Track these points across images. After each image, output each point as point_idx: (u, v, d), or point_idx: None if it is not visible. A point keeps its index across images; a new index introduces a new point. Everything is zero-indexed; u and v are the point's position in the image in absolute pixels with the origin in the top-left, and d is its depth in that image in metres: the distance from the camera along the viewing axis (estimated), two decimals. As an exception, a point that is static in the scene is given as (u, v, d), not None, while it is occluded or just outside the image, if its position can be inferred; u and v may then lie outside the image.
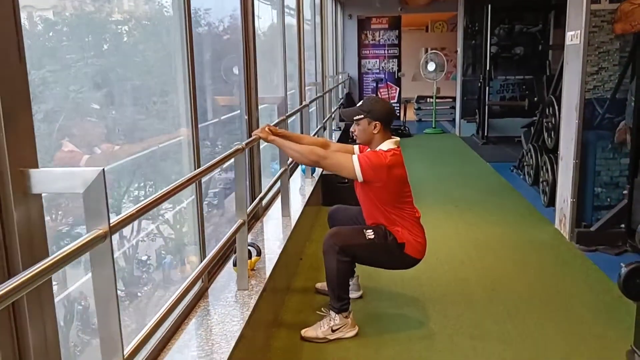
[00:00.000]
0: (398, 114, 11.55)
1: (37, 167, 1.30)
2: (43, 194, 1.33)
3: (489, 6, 8.88)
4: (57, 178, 1.28)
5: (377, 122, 2.84)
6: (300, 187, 4.88)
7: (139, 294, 2.96)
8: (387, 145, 2.84)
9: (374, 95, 10.37)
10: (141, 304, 2.87)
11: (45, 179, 1.27)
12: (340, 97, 10.34)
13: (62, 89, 2.20)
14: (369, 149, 2.92)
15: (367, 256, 2.89)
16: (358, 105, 2.97)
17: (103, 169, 1.25)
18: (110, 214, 1.30)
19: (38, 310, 1.31)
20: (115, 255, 2.60)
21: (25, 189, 1.26)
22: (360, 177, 2.77)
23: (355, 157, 2.79)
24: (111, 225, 1.29)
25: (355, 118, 2.89)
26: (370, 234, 2.83)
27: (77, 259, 1.23)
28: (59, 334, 1.41)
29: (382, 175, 2.75)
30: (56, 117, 2.14)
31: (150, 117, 2.90)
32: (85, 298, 2.55)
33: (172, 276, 3.06)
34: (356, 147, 3.07)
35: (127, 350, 1.44)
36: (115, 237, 2.44)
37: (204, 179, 2.75)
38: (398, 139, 2.94)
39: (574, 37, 4.27)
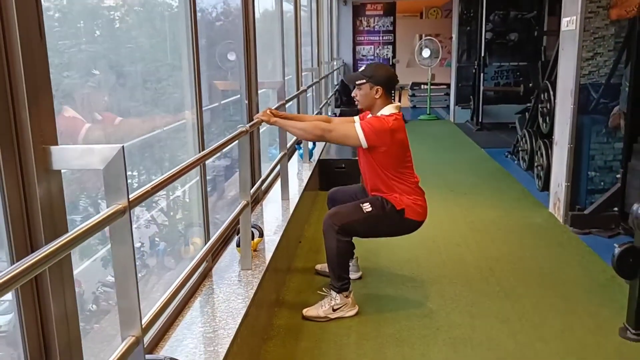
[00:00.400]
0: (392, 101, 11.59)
1: (57, 144, 1.34)
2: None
3: (484, -8, 8.91)
4: (78, 155, 1.31)
5: (378, 87, 2.90)
6: (298, 172, 4.93)
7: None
8: (389, 110, 2.90)
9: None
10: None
11: (67, 155, 1.31)
12: (336, 83, 10.36)
13: (55, 76, 2.21)
14: (370, 115, 2.97)
15: (368, 229, 2.95)
16: (360, 70, 3.03)
17: (122, 146, 1.29)
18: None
19: (59, 281, 1.36)
20: (109, 245, 2.63)
21: (47, 166, 1.30)
22: (364, 143, 2.82)
23: (357, 125, 2.84)
24: (130, 200, 1.33)
25: (357, 82, 2.94)
26: (367, 207, 2.88)
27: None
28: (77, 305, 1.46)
29: (386, 140, 2.81)
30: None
31: (146, 104, 2.91)
32: (79, 284, 2.59)
33: (166, 262, 3.10)
34: (356, 117, 3.11)
35: (144, 321, 1.49)
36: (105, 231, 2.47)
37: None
38: (399, 104, 3.00)
39: (569, 22, 4.32)
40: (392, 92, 3.03)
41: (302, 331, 2.83)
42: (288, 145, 4.08)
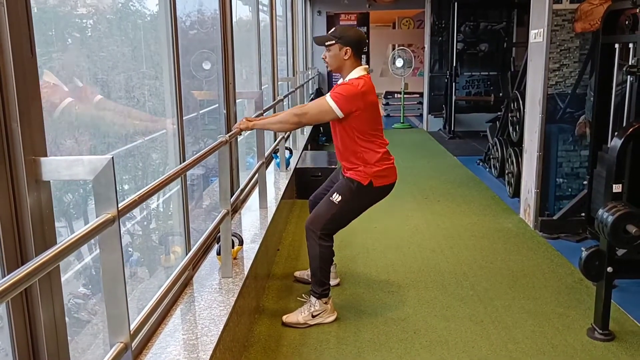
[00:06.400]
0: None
1: (46, 155, 1.38)
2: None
3: (455, 4, 9.11)
4: (68, 165, 1.35)
5: (347, 48, 2.91)
6: (275, 181, 4.97)
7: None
8: (358, 72, 2.92)
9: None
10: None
11: (56, 166, 1.35)
12: (311, 92, 10.45)
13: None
14: (340, 80, 3.00)
15: (347, 215, 3.01)
16: (330, 31, 3.03)
17: (112, 157, 1.33)
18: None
19: (48, 290, 1.39)
20: (86, 259, 2.63)
21: (37, 176, 1.34)
22: (340, 113, 2.84)
23: (328, 98, 2.86)
24: (119, 209, 1.37)
25: (326, 43, 2.95)
26: (336, 197, 2.93)
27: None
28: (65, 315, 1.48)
29: (359, 103, 2.84)
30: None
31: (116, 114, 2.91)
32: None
33: (139, 273, 3.11)
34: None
35: (132, 327, 1.52)
36: (84, 247, 2.47)
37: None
38: (367, 66, 3.02)
39: (537, 35, 4.49)
40: (362, 54, 3.04)
41: (283, 337, 2.87)
42: (265, 154, 4.13)
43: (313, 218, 2.99)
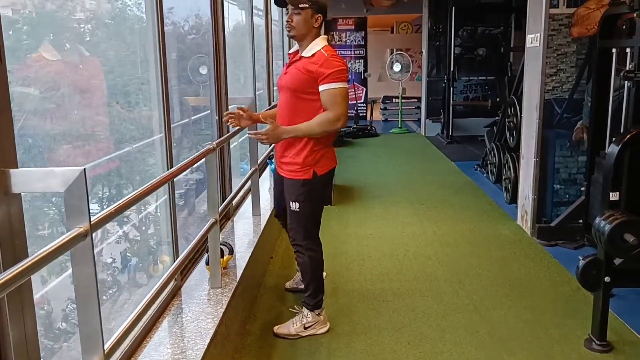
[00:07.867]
0: (365, 114, 11.67)
1: (17, 167, 1.32)
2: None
3: (453, 8, 9.08)
4: (39, 177, 1.30)
5: (319, 16, 2.74)
6: (269, 187, 4.91)
7: (103, 297, 2.94)
8: (322, 41, 2.77)
9: None
10: (105, 309, 2.85)
11: (27, 178, 1.29)
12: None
13: (22, 88, 2.17)
14: (298, 50, 2.81)
15: (315, 210, 2.86)
16: None
17: (84, 169, 1.28)
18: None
19: (18, 307, 1.33)
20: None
21: (7, 189, 1.28)
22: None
23: (333, 84, 2.65)
24: (92, 223, 1.32)
25: (300, 5, 2.69)
26: (295, 206, 2.78)
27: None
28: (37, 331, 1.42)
29: (346, 72, 2.73)
30: (18, 117, 2.11)
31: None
32: (48, 302, 2.53)
33: (138, 278, 3.06)
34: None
35: (107, 346, 1.47)
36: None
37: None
38: (326, 36, 2.86)
39: (533, 39, 4.44)
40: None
41: (274, 348, 2.81)
42: (259, 160, 4.08)
43: (292, 235, 2.90)
